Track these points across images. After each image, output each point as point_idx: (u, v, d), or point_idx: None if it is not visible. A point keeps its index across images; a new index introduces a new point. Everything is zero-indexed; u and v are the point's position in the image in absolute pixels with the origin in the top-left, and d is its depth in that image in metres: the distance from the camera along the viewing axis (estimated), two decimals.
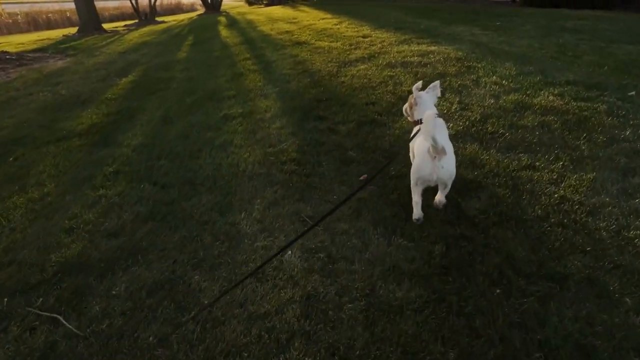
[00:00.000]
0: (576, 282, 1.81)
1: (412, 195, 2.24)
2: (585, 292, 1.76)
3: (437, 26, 8.61)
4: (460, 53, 5.89)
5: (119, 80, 6.61)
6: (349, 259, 2.04)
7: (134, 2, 21.75)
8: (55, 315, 1.79)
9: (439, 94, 2.63)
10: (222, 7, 30.46)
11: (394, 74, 5.17)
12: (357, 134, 3.49)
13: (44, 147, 3.83)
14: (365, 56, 6.30)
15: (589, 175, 2.62)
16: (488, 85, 4.44)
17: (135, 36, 13.68)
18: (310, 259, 2.04)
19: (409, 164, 2.64)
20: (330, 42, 7.89)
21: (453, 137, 3.04)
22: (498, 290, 1.79)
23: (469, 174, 2.69)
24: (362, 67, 5.69)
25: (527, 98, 3.96)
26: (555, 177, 2.62)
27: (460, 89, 4.43)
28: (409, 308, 1.72)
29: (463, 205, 2.36)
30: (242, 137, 3.62)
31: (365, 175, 2.78)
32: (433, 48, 6.34)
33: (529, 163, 2.80)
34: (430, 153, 2.04)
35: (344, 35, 8.41)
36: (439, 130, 2.17)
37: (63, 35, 16.57)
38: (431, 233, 2.15)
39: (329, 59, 6.36)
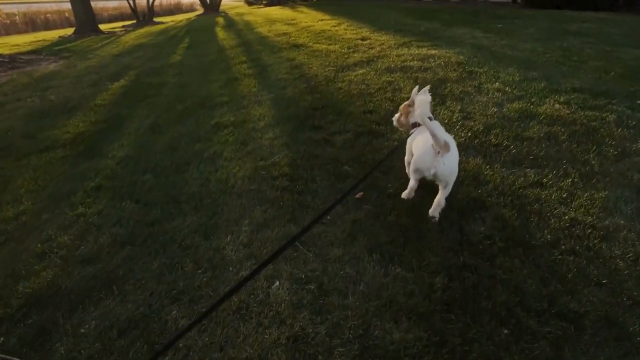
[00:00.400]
0: (592, 321, 1.63)
1: (410, 180, 2.30)
2: (603, 334, 1.58)
3: (438, 28, 8.43)
4: (461, 57, 5.71)
5: (110, 85, 6.43)
6: (341, 291, 1.86)
7: (131, 2, 21.55)
8: None
9: (430, 99, 2.44)
10: (222, 7, 30.30)
11: (393, 79, 5.00)
12: (353, 146, 3.31)
13: (25, 158, 3.66)
14: (364, 60, 6.12)
15: (600, 194, 2.44)
16: (491, 92, 4.26)
17: (131, 38, 13.51)
18: (300, 292, 1.86)
19: (406, 178, 2.47)
20: (328, 44, 7.72)
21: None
22: (506, 331, 1.62)
23: (473, 192, 2.51)
24: (360, 71, 5.52)
25: (531, 106, 3.78)
26: (564, 195, 2.44)
27: (461, 96, 4.25)
28: (407, 353, 1.54)
29: (466, 229, 2.19)
30: (232, 149, 3.44)
31: (362, 193, 2.60)
32: (433, 52, 6.17)
33: (536, 180, 2.62)
34: (435, 147, 2.03)
35: (343, 38, 8.23)
36: (437, 128, 2.21)
37: (59, 37, 16.40)
38: (432, 262, 1.98)
39: (327, 63, 6.18)
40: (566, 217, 2.24)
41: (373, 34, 8.41)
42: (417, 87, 2.57)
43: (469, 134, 3.31)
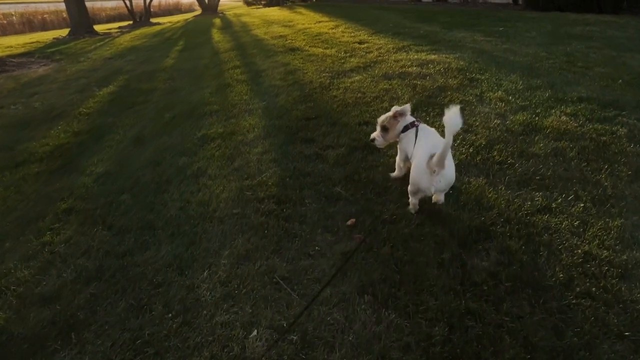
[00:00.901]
0: None
1: (411, 199, 2.38)
2: None
3: (437, 32, 8.20)
4: (462, 63, 5.49)
5: (98, 90, 6.21)
6: (328, 342, 1.64)
7: (128, 3, 21.33)
8: None
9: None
10: (220, 8, 30.09)
11: (391, 87, 4.77)
12: (347, 162, 3.09)
13: None
14: (361, 65, 5.90)
15: (615, 222, 2.22)
16: (493, 102, 4.04)
17: (125, 40, 13.29)
18: (280, 343, 1.64)
19: (403, 204, 2.25)
20: (325, 48, 7.50)
21: (456, 167, 2.65)
22: None
23: (475, 220, 2.29)
24: (356, 78, 5.29)
25: (537, 118, 3.56)
26: (576, 224, 2.22)
27: (462, 105, 4.02)
28: None
29: (469, 265, 1.96)
30: (218, 165, 3.22)
31: (353, 220, 2.38)
32: (433, 57, 5.94)
33: (544, 204, 2.40)
34: (430, 166, 2.07)
35: (340, 41, 8.01)
36: (430, 135, 2.38)
37: (53, 38, 16.17)
38: (430, 306, 1.75)
39: (322, 69, 5.96)
40: (579, 250, 2.02)
41: (371, 37, 8.19)
42: (395, 107, 2.55)
43: (471, 150, 3.09)
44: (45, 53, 11.62)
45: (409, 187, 2.31)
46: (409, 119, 2.51)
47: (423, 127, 2.47)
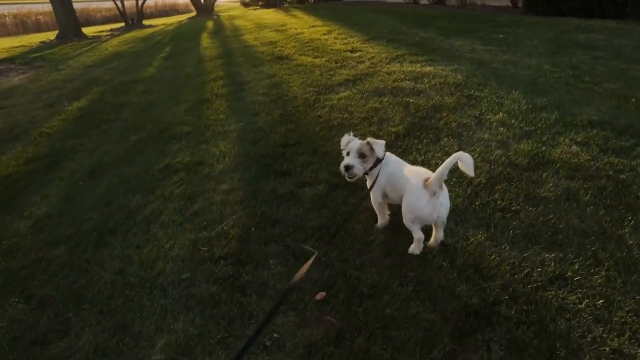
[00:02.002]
0: None
1: (413, 232, 2.12)
2: None
3: (434, 38, 7.77)
4: (459, 77, 5.06)
5: (68, 105, 5.77)
6: None
7: (119, 5, 20.87)
8: None
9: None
10: (217, 8, 29.63)
11: (381, 105, 4.33)
12: (324, 205, 2.65)
13: None
14: (350, 79, 5.46)
15: None
16: (494, 126, 3.61)
17: (113, 44, 12.84)
18: None
19: (386, 266, 1.81)
20: (315, 57, 7.07)
21: (452, 215, 2.21)
22: None
23: (474, 296, 1.85)
24: (344, 94, 4.85)
25: (544, 148, 3.12)
26: (599, 304, 1.78)
27: (459, 130, 3.59)
28: None
29: None
30: (175, 208, 2.77)
31: (323, 294, 1.93)
32: (428, 69, 5.51)
33: (557, 271, 1.96)
34: (430, 188, 1.94)
35: (331, 49, 7.58)
36: (402, 162, 2.30)
37: (40, 42, 15.74)
38: None
39: (309, 82, 5.52)
40: (606, 348, 1.58)
41: (364, 44, 7.76)
42: (346, 134, 2.37)
43: (469, 191, 2.65)
44: (27, 59, 11.17)
45: (407, 217, 2.07)
46: (380, 152, 2.24)
47: (390, 155, 2.33)
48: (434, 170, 2.00)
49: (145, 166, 3.51)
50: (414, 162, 3.07)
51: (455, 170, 2.91)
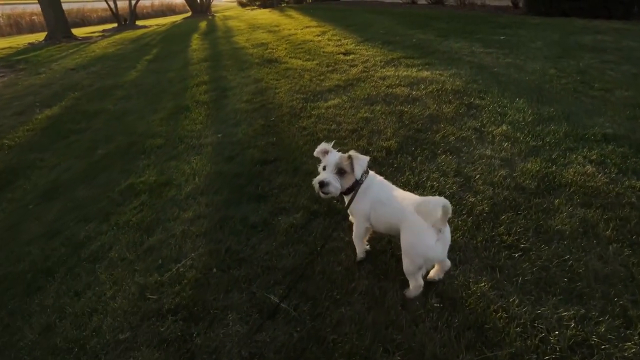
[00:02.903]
0: None
1: (413, 279, 1.77)
2: None
3: (432, 40, 7.40)
4: (458, 82, 4.68)
5: (40, 113, 5.37)
6: None
7: (112, 5, 20.49)
8: None
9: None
10: (215, 8, 29.21)
11: (372, 115, 3.95)
12: (300, 240, 2.27)
13: None
14: (341, 84, 5.08)
15: None
16: (497, 140, 3.23)
17: (100, 46, 12.45)
18: None
19: (367, 325, 1.43)
20: (306, 60, 6.69)
21: (450, 255, 1.82)
22: None
23: None
24: (334, 101, 4.47)
25: (554, 168, 2.74)
26: None
27: (458, 145, 3.21)
28: None
29: None
30: (128, 241, 2.39)
31: None
32: (425, 74, 5.13)
33: (579, 337, 1.58)
34: (439, 221, 1.63)
35: (323, 52, 7.20)
36: (389, 185, 1.98)
37: (28, 44, 15.35)
38: None
39: (297, 88, 5.14)
40: None
41: (358, 46, 7.38)
42: (324, 142, 2.04)
43: (470, 222, 2.26)
44: (10, 61, 10.78)
45: (414, 261, 1.72)
46: (359, 171, 1.88)
47: (375, 175, 1.99)
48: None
49: (106, 186, 3.12)
50: (406, 184, 2.70)
51: (454, 193, 2.53)
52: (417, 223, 1.68)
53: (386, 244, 2.15)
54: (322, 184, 1.86)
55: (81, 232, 2.54)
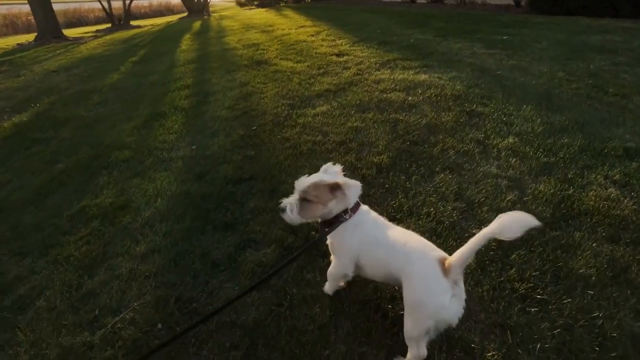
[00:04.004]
0: None
1: (415, 347, 1.37)
2: None
3: (430, 40, 6.99)
4: (458, 87, 4.28)
5: (7, 120, 4.97)
6: None
7: (105, 6, 20.12)
8: None
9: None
10: (213, 8, 28.76)
11: (364, 125, 3.55)
12: (267, 285, 1.86)
13: None
14: (332, 89, 4.68)
15: None
16: (503, 155, 2.83)
17: (89, 47, 12.05)
18: None
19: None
20: (297, 62, 6.29)
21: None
22: None
23: None
24: (322, 108, 4.07)
25: (571, 191, 2.34)
26: None
27: (458, 161, 2.81)
28: None
29: None
30: (64, 284, 1.99)
31: None
32: (422, 77, 4.73)
33: None
34: (452, 274, 1.27)
35: (316, 53, 6.80)
36: (383, 222, 1.56)
37: (17, 44, 14.97)
38: None
39: (284, 92, 4.74)
40: None
41: (353, 46, 6.98)
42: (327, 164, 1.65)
43: (473, 263, 1.86)
44: None
45: (414, 327, 1.35)
46: (351, 199, 1.52)
47: (368, 211, 1.60)
48: (429, 231, 1.27)
49: (56, 210, 2.73)
50: (398, 209, 2.31)
51: (454, 222, 2.14)
52: (427, 272, 1.32)
53: (371, 292, 1.75)
54: (281, 209, 1.53)
55: (12, 270, 2.14)
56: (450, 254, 1.35)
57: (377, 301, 1.71)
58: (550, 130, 3.16)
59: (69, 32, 17.64)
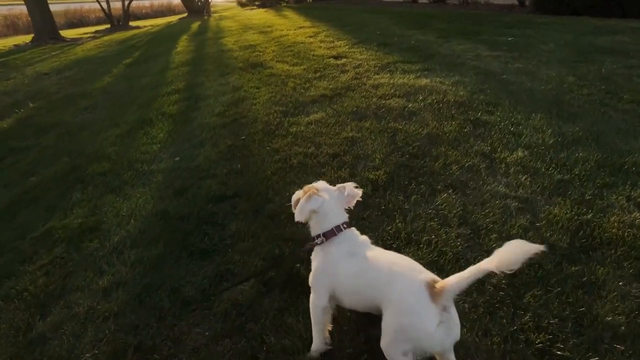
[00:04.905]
0: None
1: None
2: None
3: (432, 42, 6.73)
4: (462, 92, 4.02)
5: None
6: None
7: (104, 6, 19.97)
8: None
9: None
10: (215, 8, 28.55)
11: (360, 135, 3.30)
12: (240, 329, 1.62)
13: None
14: (328, 94, 4.43)
15: None
16: (512, 172, 2.57)
17: (85, 48, 11.86)
18: None
19: None
20: (293, 64, 6.04)
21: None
22: None
23: None
24: (316, 115, 3.82)
25: (590, 216, 2.09)
26: None
27: (463, 177, 2.55)
28: None
29: None
30: (7, 330, 1.75)
31: None
32: (424, 82, 4.47)
33: None
34: (442, 299, 1.15)
35: (314, 55, 6.55)
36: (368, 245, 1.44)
37: (14, 45, 14.81)
38: None
39: (277, 98, 4.49)
40: None
41: (352, 48, 6.73)
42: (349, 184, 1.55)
43: (481, 306, 1.60)
44: None
45: (398, 346, 1.21)
46: (335, 217, 1.47)
47: (353, 230, 1.50)
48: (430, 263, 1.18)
49: (21, 231, 2.49)
50: (395, 236, 2.05)
51: (458, 253, 1.88)
52: (413, 298, 1.20)
53: (362, 345, 1.49)
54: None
55: None
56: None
57: (369, 354, 1.45)
58: (563, 142, 2.90)
59: (69, 33, 17.50)
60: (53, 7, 22.98)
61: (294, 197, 1.55)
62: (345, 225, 1.47)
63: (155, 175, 3.01)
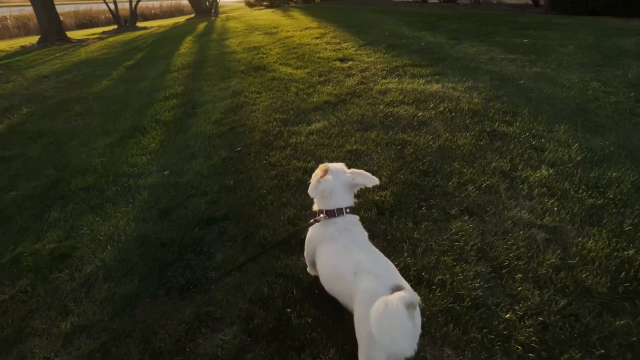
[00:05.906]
0: None
1: None
2: None
3: (443, 44, 6.41)
4: (476, 100, 3.71)
5: None
6: None
7: (112, 7, 19.95)
8: None
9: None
10: (223, 8, 28.47)
11: (365, 148, 3.02)
12: None
13: None
14: (332, 100, 4.15)
15: None
16: (535, 195, 2.26)
17: (89, 50, 11.72)
18: None
19: None
20: (297, 67, 5.77)
21: None
22: None
23: None
24: (319, 125, 3.55)
25: (632, 251, 1.78)
26: None
27: (480, 201, 2.25)
28: None
29: None
30: None
31: None
32: (435, 87, 4.17)
33: None
34: (411, 302, 1.08)
35: (319, 57, 6.27)
36: (357, 240, 1.47)
37: (20, 46, 14.78)
38: None
39: (278, 104, 4.23)
40: None
41: (358, 50, 6.44)
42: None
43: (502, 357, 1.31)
44: None
45: (372, 356, 1.15)
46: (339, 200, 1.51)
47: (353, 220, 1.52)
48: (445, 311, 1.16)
49: None
50: (404, 272, 1.75)
51: (475, 301, 1.58)
52: (385, 304, 1.05)
53: None
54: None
55: None
56: None
57: None
58: (592, 159, 2.58)
59: (78, 34, 17.47)
60: (63, 8, 23.01)
61: (314, 175, 1.59)
62: (348, 210, 1.50)
63: (140, 192, 2.76)
